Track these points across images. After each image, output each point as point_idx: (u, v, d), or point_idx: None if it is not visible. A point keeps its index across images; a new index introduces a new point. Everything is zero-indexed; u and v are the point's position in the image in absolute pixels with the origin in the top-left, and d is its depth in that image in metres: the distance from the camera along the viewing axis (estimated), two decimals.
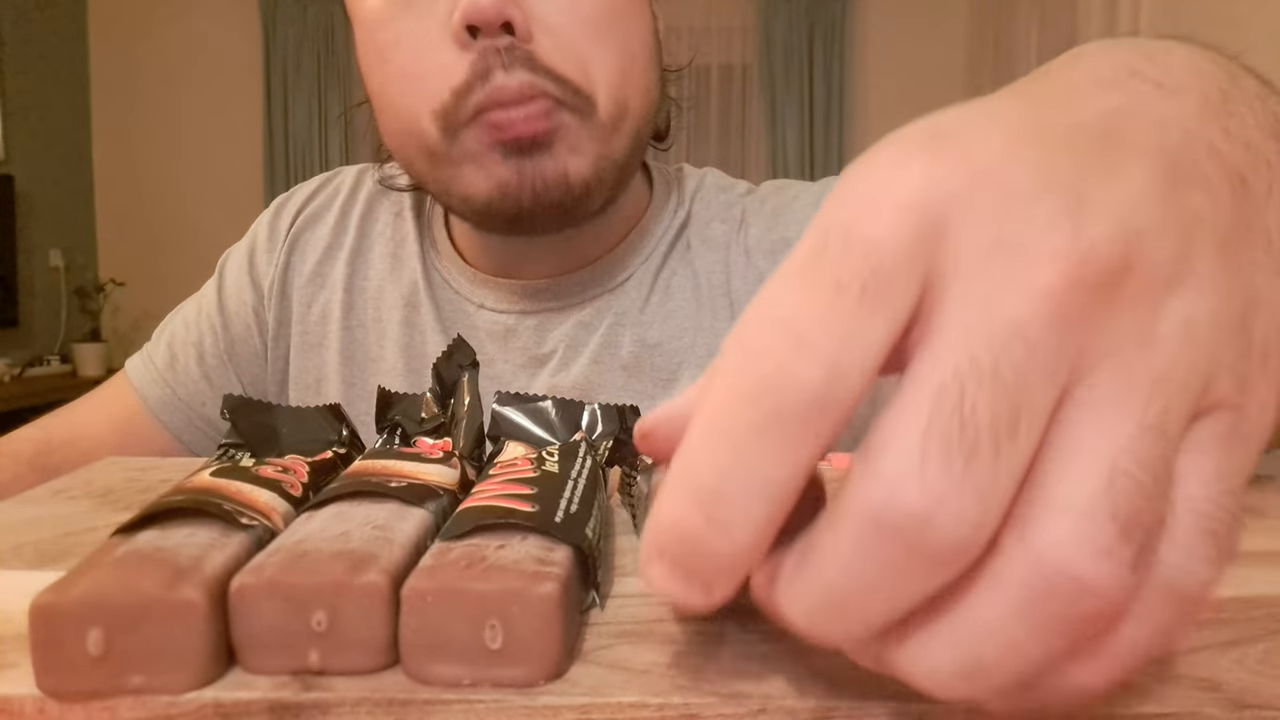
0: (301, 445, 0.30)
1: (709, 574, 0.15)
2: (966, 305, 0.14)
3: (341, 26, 3.58)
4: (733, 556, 0.15)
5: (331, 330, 0.58)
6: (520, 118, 0.45)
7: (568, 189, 0.47)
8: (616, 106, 0.48)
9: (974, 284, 0.14)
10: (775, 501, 0.14)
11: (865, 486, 0.14)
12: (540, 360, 0.55)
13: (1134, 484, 0.14)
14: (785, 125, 3.49)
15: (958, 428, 0.13)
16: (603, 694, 0.18)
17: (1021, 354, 0.13)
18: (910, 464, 0.13)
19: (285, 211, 0.62)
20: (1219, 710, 0.17)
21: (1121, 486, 0.14)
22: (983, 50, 3.27)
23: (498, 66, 0.45)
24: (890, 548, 0.14)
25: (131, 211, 3.69)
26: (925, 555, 0.13)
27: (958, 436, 0.13)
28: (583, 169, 0.47)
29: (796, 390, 0.14)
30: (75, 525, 0.29)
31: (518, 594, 0.18)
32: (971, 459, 0.13)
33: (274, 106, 3.60)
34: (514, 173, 0.46)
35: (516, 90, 0.45)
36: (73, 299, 3.49)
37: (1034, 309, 0.13)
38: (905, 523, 0.13)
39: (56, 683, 0.18)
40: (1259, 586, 0.23)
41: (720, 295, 0.55)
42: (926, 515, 0.13)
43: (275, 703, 0.18)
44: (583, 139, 0.47)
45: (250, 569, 0.19)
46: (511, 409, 0.31)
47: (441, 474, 0.26)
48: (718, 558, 0.15)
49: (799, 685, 0.18)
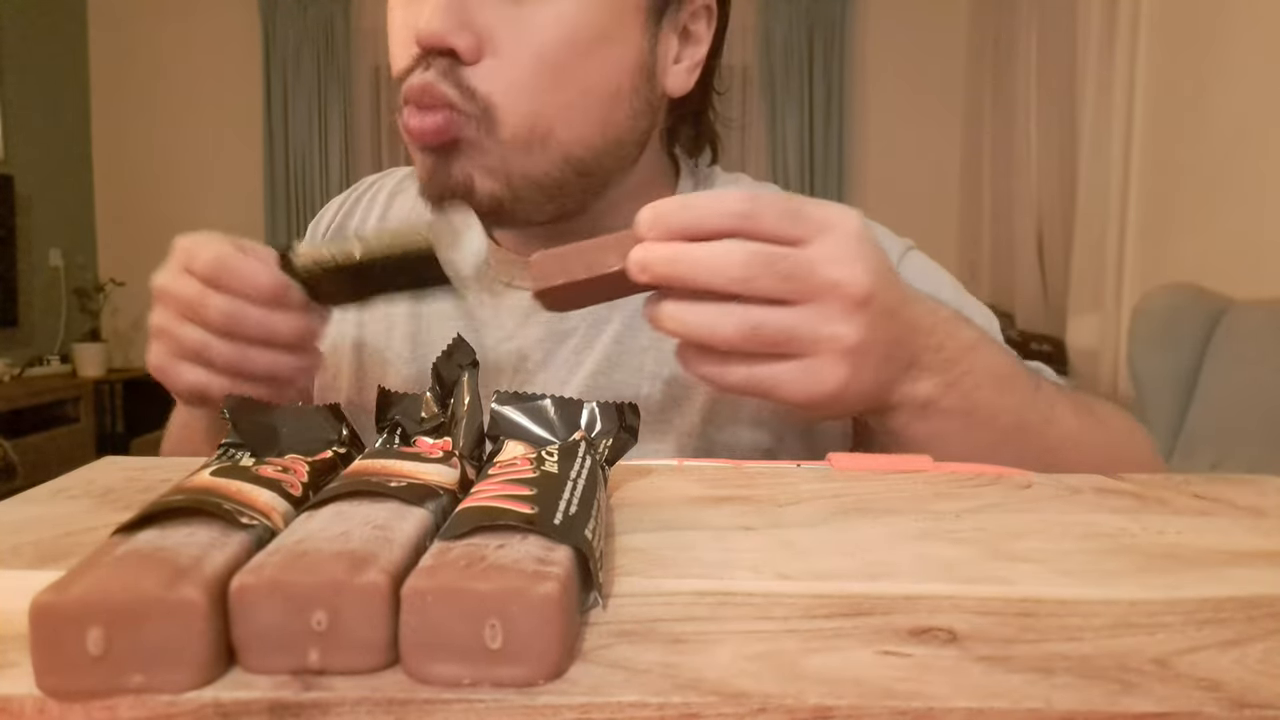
0: (301, 445, 0.30)
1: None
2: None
3: (341, 26, 3.58)
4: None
5: (345, 329, 0.60)
6: (419, 126, 0.48)
7: (472, 196, 0.49)
8: (529, 132, 0.49)
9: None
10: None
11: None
12: (561, 336, 0.56)
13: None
14: (785, 125, 3.49)
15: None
16: (603, 693, 0.18)
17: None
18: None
19: (319, 227, 0.66)
20: (1219, 710, 0.17)
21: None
22: (983, 50, 3.27)
23: (420, 67, 0.48)
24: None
25: (131, 211, 3.69)
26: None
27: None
28: (489, 185, 0.49)
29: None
30: (75, 525, 0.28)
31: (518, 593, 0.18)
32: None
33: (274, 106, 3.60)
34: (430, 166, 0.50)
35: (418, 89, 0.48)
36: (73, 299, 3.49)
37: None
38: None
39: (56, 682, 0.18)
40: (1259, 586, 0.24)
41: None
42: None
43: (275, 702, 0.18)
44: (485, 153, 0.49)
45: (250, 568, 0.19)
46: (511, 408, 0.31)
47: (441, 474, 0.26)
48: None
49: (799, 685, 0.18)
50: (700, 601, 0.22)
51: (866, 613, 0.22)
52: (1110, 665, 0.19)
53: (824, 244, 0.37)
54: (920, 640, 0.20)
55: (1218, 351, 1.82)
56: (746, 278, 0.36)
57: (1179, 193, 2.17)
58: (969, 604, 0.22)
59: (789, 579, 0.24)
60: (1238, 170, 1.97)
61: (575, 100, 0.50)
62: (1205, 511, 0.31)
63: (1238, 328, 1.81)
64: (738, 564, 0.25)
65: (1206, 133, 2.06)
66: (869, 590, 0.23)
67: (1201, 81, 2.07)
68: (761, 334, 0.37)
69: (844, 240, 0.38)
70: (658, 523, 0.29)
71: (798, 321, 0.37)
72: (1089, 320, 2.43)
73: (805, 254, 0.37)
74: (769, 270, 0.37)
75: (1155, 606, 0.22)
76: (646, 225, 0.38)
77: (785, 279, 0.37)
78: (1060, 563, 0.25)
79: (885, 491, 0.33)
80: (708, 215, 0.38)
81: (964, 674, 0.19)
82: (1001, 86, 3.08)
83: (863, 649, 0.20)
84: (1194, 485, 0.35)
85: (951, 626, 0.21)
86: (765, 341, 0.37)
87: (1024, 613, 0.22)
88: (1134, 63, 2.29)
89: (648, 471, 0.36)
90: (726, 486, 0.34)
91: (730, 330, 0.37)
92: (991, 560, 0.25)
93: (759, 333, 0.37)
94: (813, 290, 0.37)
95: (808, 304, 0.37)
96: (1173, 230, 2.20)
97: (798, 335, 0.37)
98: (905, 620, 0.21)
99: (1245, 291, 1.85)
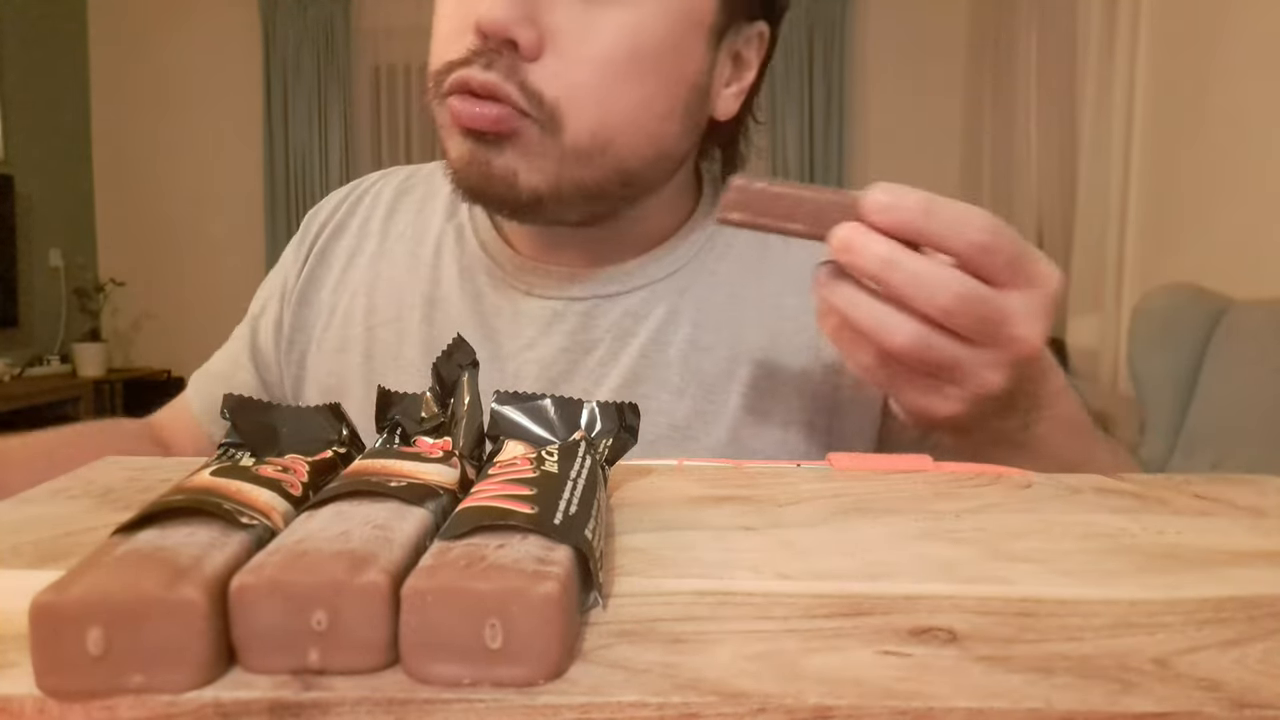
0: (301, 445, 0.30)
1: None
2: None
3: (341, 26, 3.58)
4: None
5: (354, 333, 0.58)
6: (471, 113, 0.47)
7: (513, 189, 0.48)
8: (593, 138, 0.48)
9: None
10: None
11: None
12: (586, 346, 0.55)
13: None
14: (785, 125, 3.49)
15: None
16: (603, 693, 0.18)
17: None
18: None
19: (313, 224, 0.64)
20: (1219, 710, 0.17)
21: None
22: (983, 50, 3.27)
23: (480, 63, 0.46)
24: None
25: (131, 211, 3.69)
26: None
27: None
28: (535, 181, 0.48)
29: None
30: (75, 525, 0.29)
31: (518, 593, 0.18)
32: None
33: (274, 106, 3.60)
34: (468, 152, 0.48)
35: (479, 85, 0.46)
36: (73, 299, 3.49)
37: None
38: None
39: (56, 682, 0.18)
40: (1259, 586, 0.24)
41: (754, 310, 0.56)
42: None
43: (275, 702, 0.18)
44: (541, 153, 0.48)
45: (250, 568, 0.19)
46: (511, 408, 0.31)
47: (441, 473, 0.26)
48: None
49: (799, 685, 0.18)
50: (700, 601, 0.22)
51: (866, 613, 0.22)
52: (1110, 665, 0.19)
53: (1025, 297, 0.37)
54: (920, 640, 0.20)
55: (1218, 351, 1.82)
56: (949, 311, 0.36)
57: (1179, 193, 2.17)
58: (969, 604, 0.22)
59: (789, 579, 0.24)
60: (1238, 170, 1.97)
61: (637, 113, 0.49)
62: (1205, 511, 0.31)
63: (1238, 328, 1.81)
64: (738, 564, 0.25)
65: (1206, 133, 2.06)
66: (869, 590, 0.23)
67: (1201, 81, 2.07)
68: (927, 355, 0.37)
69: (1042, 300, 0.38)
70: (658, 523, 0.29)
71: (966, 358, 0.37)
72: (1089, 320, 2.43)
73: (1006, 302, 0.37)
74: (971, 311, 0.36)
75: (1155, 606, 0.22)
76: (878, 210, 0.37)
77: (979, 321, 0.36)
78: (1060, 563, 0.25)
79: (885, 491, 0.33)
80: (948, 236, 0.36)
81: (964, 674, 0.19)
82: (1001, 86, 3.08)
83: (863, 649, 0.20)
84: (1194, 485, 0.35)
85: (951, 626, 0.21)
86: (927, 361, 0.38)
87: (1024, 613, 0.22)
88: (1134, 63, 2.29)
89: (648, 471, 0.36)
90: (726, 486, 0.34)
91: (901, 340, 0.37)
92: (991, 560, 0.25)
93: (926, 353, 0.37)
94: (994, 338, 0.37)
95: (981, 347, 0.37)
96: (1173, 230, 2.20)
97: (959, 369, 0.38)
98: (905, 620, 0.21)
99: (1245, 291, 1.85)
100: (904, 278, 0.36)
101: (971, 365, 0.38)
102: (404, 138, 3.70)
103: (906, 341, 0.37)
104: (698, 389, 0.54)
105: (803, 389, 0.55)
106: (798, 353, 0.55)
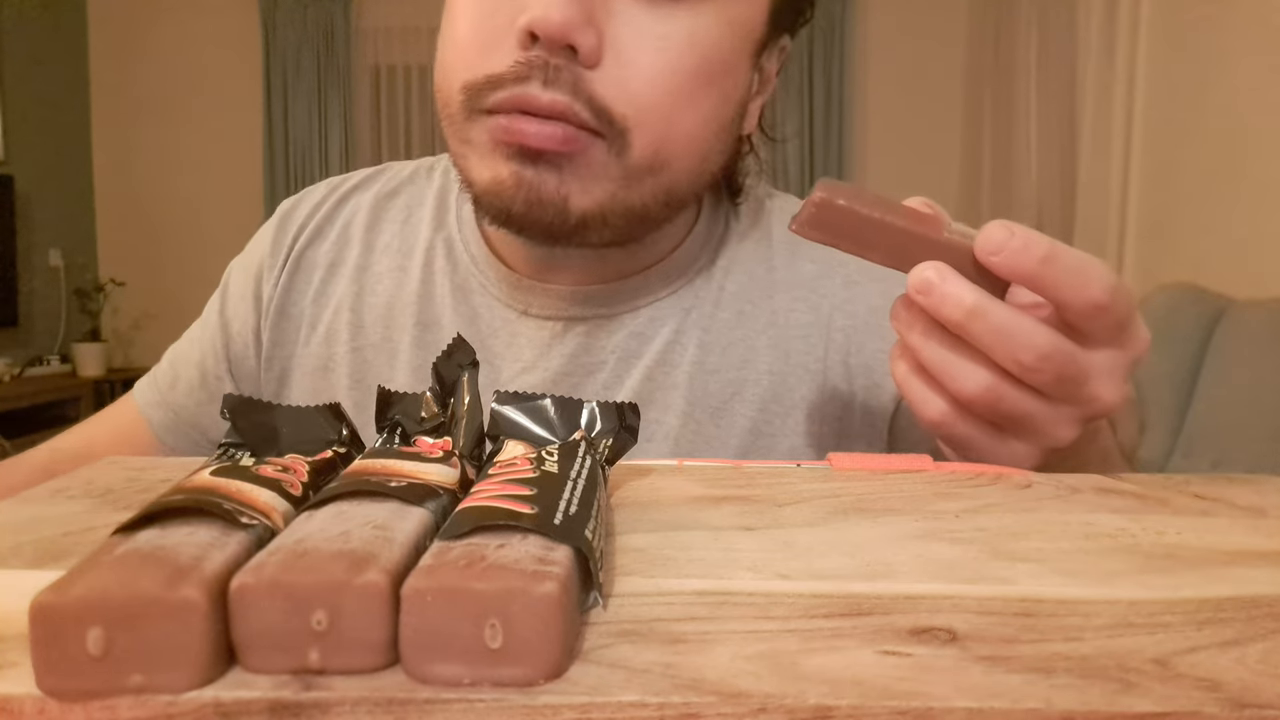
0: (301, 445, 0.30)
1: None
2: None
3: (341, 26, 3.58)
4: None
5: (339, 352, 0.55)
6: (533, 131, 0.42)
7: (562, 214, 0.44)
8: (655, 157, 0.44)
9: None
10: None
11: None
12: (588, 369, 0.52)
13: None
14: (785, 125, 3.49)
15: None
16: (603, 693, 0.18)
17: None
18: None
19: (290, 224, 0.59)
20: (1219, 710, 0.17)
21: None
22: (983, 50, 3.27)
23: (539, 78, 0.42)
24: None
25: (131, 211, 3.70)
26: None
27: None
28: (587, 203, 0.44)
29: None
30: (75, 525, 0.28)
31: (518, 593, 0.18)
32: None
33: (274, 106, 3.60)
34: (513, 175, 0.44)
35: (545, 106, 0.42)
36: (73, 299, 3.49)
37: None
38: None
39: (56, 682, 0.18)
40: (1259, 586, 0.24)
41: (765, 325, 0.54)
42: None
43: (275, 702, 0.18)
44: (601, 174, 0.44)
45: (250, 568, 0.19)
46: (511, 408, 0.31)
47: (441, 473, 0.26)
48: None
49: (799, 685, 0.18)
50: (700, 601, 0.22)
51: (866, 613, 0.22)
52: (1110, 665, 0.19)
53: (1108, 356, 0.35)
54: (920, 640, 0.20)
55: (1218, 351, 1.82)
56: (1030, 369, 0.33)
57: (1179, 193, 2.17)
58: (969, 604, 0.22)
59: (789, 579, 0.24)
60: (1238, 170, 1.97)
61: (698, 130, 0.46)
62: (1205, 511, 0.31)
63: (1238, 328, 1.81)
64: (737, 564, 0.25)
65: (1206, 133, 2.06)
66: (869, 590, 0.23)
67: (1201, 81, 2.07)
68: (999, 407, 0.35)
69: (1128, 361, 0.35)
70: (658, 523, 0.29)
71: (1039, 413, 0.35)
72: None
73: (1088, 361, 0.34)
74: (1055, 369, 0.34)
75: (1155, 606, 0.22)
76: (991, 248, 0.34)
77: (1060, 381, 0.34)
78: (1060, 562, 0.25)
79: (885, 491, 0.33)
80: (1065, 289, 0.33)
81: (964, 674, 0.19)
82: (1001, 86, 3.09)
83: (863, 649, 0.20)
84: (1194, 485, 0.35)
85: (951, 626, 0.21)
86: (997, 412, 0.35)
87: (1024, 613, 0.22)
88: (1134, 63, 2.29)
89: (648, 471, 0.36)
90: (726, 486, 0.34)
91: (972, 389, 0.35)
92: (991, 560, 0.25)
93: (998, 404, 0.35)
94: (1072, 396, 0.35)
95: (1057, 403, 0.35)
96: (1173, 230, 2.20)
97: (1030, 424, 0.35)
98: (905, 620, 0.21)
99: (1245, 291, 1.85)
100: (987, 330, 0.33)
101: (1044, 420, 0.35)
102: (404, 138, 3.70)
103: (977, 391, 0.34)
104: (704, 412, 0.52)
105: (811, 412, 0.53)
106: (807, 373, 0.53)
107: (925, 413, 0.37)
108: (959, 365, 0.35)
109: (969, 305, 0.33)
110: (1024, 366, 0.34)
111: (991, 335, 0.33)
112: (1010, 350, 0.33)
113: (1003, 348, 0.33)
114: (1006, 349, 0.33)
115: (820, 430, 0.53)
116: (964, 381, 0.35)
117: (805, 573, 0.24)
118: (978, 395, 0.35)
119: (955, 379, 0.35)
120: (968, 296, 0.33)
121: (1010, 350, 0.33)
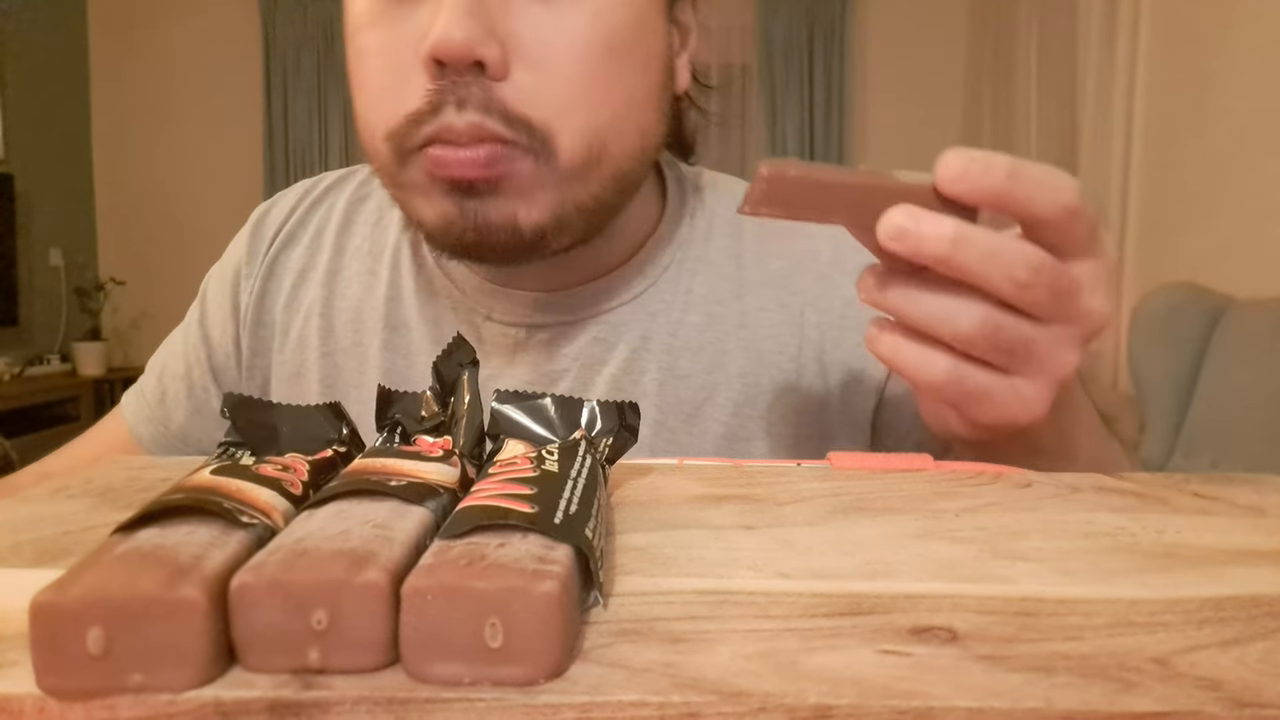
0: (301, 444, 0.30)
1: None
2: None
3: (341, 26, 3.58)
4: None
5: (310, 358, 0.55)
6: (459, 160, 0.42)
7: (515, 235, 0.44)
8: (587, 153, 0.44)
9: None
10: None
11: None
12: (552, 377, 0.52)
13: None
14: (785, 125, 3.50)
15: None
16: (603, 693, 0.18)
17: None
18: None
19: (265, 230, 0.59)
20: (1219, 710, 0.17)
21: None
22: (983, 50, 3.27)
23: (451, 103, 0.41)
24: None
25: (131, 211, 3.70)
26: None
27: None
28: (536, 216, 0.44)
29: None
30: (75, 524, 0.28)
31: (518, 592, 0.18)
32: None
33: (274, 106, 3.60)
34: (456, 209, 0.43)
35: (462, 131, 0.41)
36: (73, 298, 3.50)
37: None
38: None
39: (56, 681, 0.18)
40: (1259, 586, 0.24)
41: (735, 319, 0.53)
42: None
43: (275, 701, 0.18)
44: (538, 185, 0.43)
45: (250, 567, 0.19)
46: (511, 407, 0.31)
47: (441, 472, 0.26)
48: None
49: (799, 684, 0.18)
50: (700, 600, 0.22)
51: (866, 612, 0.21)
52: (1110, 665, 0.19)
53: (1091, 266, 0.34)
54: (920, 639, 0.20)
55: (1217, 351, 1.82)
56: (1027, 284, 0.32)
57: (1179, 193, 2.17)
58: (969, 603, 0.22)
59: (789, 578, 0.24)
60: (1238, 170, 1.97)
61: (623, 109, 0.45)
62: (1205, 511, 0.31)
63: (1238, 327, 1.81)
64: (738, 563, 0.25)
65: (1206, 133, 2.06)
66: (869, 589, 0.23)
67: (1202, 81, 2.07)
68: (999, 337, 0.33)
69: (1106, 269, 0.34)
70: (658, 522, 0.29)
71: (1041, 337, 0.33)
72: None
73: (1079, 271, 0.33)
74: (1048, 283, 0.32)
75: (1155, 606, 0.22)
76: (953, 176, 0.32)
77: (1054, 295, 0.33)
78: (1060, 562, 0.25)
79: (885, 491, 0.33)
80: (1037, 199, 0.32)
81: (964, 673, 0.19)
82: (1001, 86, 3.09)
83: (863, 648, 0.20)
84: (1194, 484, 0.35)
85: (951, 626, 0.21)
86: (999, 347, 0.33)
87: (1024, 612, 0.22)
88: (1134, 63, 2.29)
89: (648, 470, 0.36)
90: (726, 485, 0.34)
91: (969, 326, 0.33)
92: (991, 559, 0.25)
93: (997, 335, 0.33)
94: (1069, 312, 0.33)
95: (1054, 324, 0.34)
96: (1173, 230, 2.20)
97: (1035, 351, 0.34)
98: (905, 619, 0.21)
99: (1245, 291, 1.85)
100: (975, 255, 0.32)
101: (1047, 345, 0.34)
102: None
103: (974, 325, 0.33)
104: (676, 419, 0.51)
105: (787, 413, 0.52)
106: (781, 374, 0.52)
107: (928, 375, 0.35)
108: (950, 305, 0.33)
109: (952, 234, 0.31)
110: (1019, 284, 0.32)
111: (981, 259, 0.32)
112: (1004, 270, 0.32)
113: (996, 270, 0.32)
114: (1000, 270, 0.32)
115: (797, 432, 0.52)
116: (959, 320, 0.33)
117: (805, 572, 0.24)
118: (976, 330, 0.33)
119: (950, 320, 0.33)
120: (948, 227, 0.32)
121: (1004, 270, 0.32)
